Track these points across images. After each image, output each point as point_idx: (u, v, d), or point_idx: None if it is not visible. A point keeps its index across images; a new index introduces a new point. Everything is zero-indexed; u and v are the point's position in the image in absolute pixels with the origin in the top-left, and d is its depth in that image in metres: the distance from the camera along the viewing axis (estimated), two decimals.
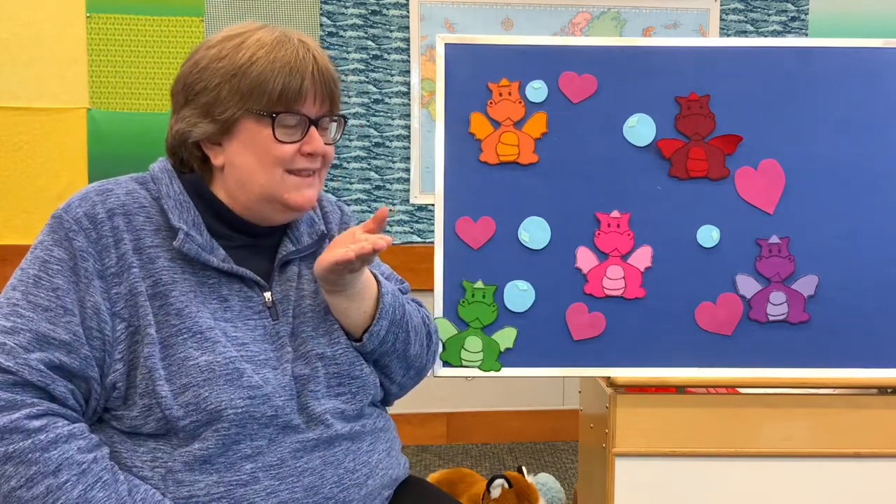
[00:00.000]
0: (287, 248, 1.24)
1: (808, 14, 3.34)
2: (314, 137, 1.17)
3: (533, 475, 2.40)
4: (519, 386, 3.33)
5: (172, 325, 1.09)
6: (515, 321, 1.66)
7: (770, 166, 1.67)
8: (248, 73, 1.13)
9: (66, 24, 3.06)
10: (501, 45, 1.70)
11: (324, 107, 1.20)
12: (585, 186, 1.67)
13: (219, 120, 1.15)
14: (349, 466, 1.17)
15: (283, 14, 3.14)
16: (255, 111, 1.14)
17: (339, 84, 1.23)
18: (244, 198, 1.18)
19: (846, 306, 1.65)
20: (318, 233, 1.29)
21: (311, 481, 1.12)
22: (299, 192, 1.18)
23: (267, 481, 1.09)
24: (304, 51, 1.16)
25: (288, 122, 1.15)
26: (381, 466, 1.23)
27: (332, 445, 1.16)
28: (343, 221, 1.39)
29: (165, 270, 1.11)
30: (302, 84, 1.14)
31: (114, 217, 1.11)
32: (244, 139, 1.15)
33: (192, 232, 1.14)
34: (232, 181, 1.18)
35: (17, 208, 3.08)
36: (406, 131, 3.25)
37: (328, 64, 1.20)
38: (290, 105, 1.15)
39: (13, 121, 3.06)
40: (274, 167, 1.16)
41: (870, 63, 1.67)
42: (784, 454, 1.61)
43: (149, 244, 1.12)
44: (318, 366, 1.18)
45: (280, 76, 1.13)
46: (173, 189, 1.17)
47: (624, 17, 3.27)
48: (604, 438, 1.64)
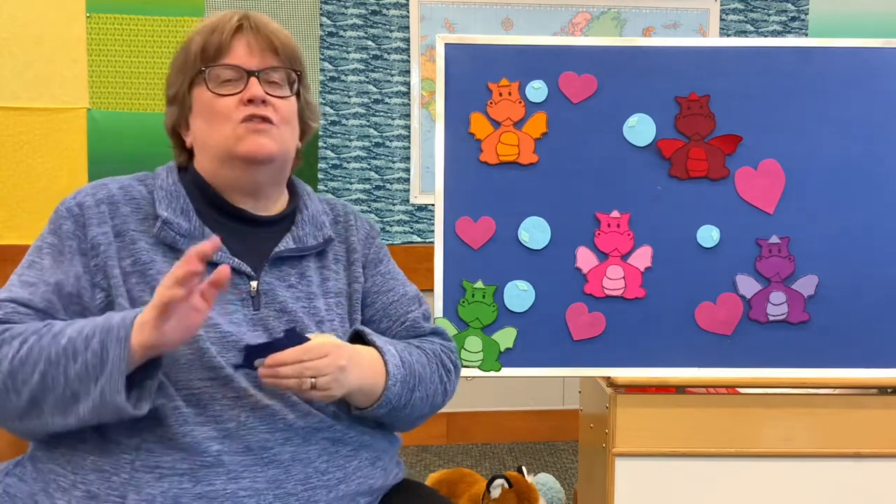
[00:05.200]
0: (287, 245, 1.23)
1: (808, 14, 3.34)
2: (252, 84, 1.18)
3: (533, 475, 2.40)
4: (519, 386, 3.33)
5: (145, 302, 1.09)
6: (515, 321, 1.66)
7: (770, 166, 1.67)
8: (181, 49, 1.22)
9: (66, 24, 3.06)
10: (501, 45, 1.70)
11: (267, 60, 1.20)
12: (585, 186, 1.67)
13: (172, 99, 1.23)
14: (320, 467, 1.14)
15: (284, 14, 3.14)
16: (193, 77, 1.20)
17: (290, 41, 1.24)
18: (209, 165, 1.21)
19: (846, 306, 1.65)
20: (324, 236, 1.28)
21: (276, 474, 1.11)
22: (248, 140, 1.18)
23: (230, 466, 1.09)
24: (234, 13, 1.21)
25: (223, 76, 1.19)
26: (360, 474, 1.19)
27: (307, 441, 1.14)
28: (370, 237, 1.36)
29: (144, 252, 1.15)
30: (222, 37, 1.18)
31: (100, 205, 1.18)
32: (197, 109, 1.21)
33: (177, 219, 1.17)
34: (199, 153, 1.23)
35: (18, 208, 3.08)
36: (406, 131, 3.25)
37: (269, 22, 1.22)
38: (215, 59, 1.18)
39: (13, 121, 3.06)
40: (222, 123, 1.18)
41: (870, 63, 1.67)
42: (784, 454, 1.61)
43: (132, 228, 1.17)
44: None
45: (201, 35, 1.19)
46: (167, 181, 1.22)
47: (624, 17, 3.27)
48: (604, 438, 1.64)
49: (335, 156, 3.24)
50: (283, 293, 1.19)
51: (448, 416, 3.37)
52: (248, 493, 1.09)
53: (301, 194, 1.32)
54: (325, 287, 1.25)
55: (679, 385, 1.65)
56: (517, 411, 3.41)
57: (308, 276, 1.24)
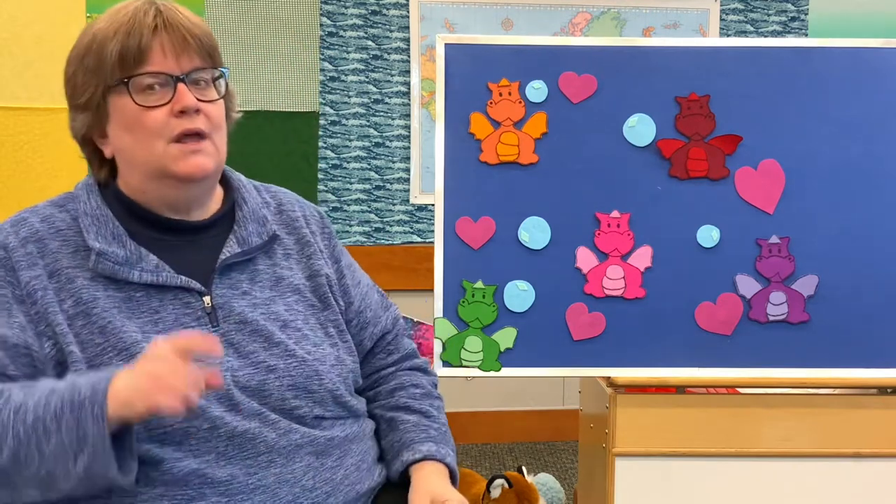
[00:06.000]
0: (232, 250, 1.15)
1: (808, 14, 3.34)
2: (182, 93, 1.08)
3: (533, 475, 2.40)
4: (519, 386, 3.33)
5: (97, 345, 1.05)
6: (515, 321, 1.66)
7: (770, 166, 1.67)
8: (91, 50, 1.09)
9: (66, 24, 3.06)
10: (501, 45, 1.70)
11: (190, 61, 1.10)
12: (585, 186, 1.67)
13: (83, 105, 1.11)
14: (307, 485, 1.11)
15: (283, 14, 3.13)
16: (111, 85, 1.08)
17: (209, 36, 1.13)
18: (136, 182, 1.13)
19: (846, 306, 1.65)
20: (268, 233, 1.20)
21: (263, 499, 1.07)
22: (186, 161, 1.09)
23: (214, 497, 1.04)
24: (147, 8, 1.08)
25: (147, 84, 1.08)
26: (348, 482, 1.16)
27: (290, 460, 1.10)
28: (325, 226, 1.31)
29: (85, 289, 1.07)
30: (141, 41, 1.06)
31: (26, 244, 1.10)
32: (118, 120, 1.10)
33: (111, 248, 1.09)
34: (123, 167, 1.14)
35: (18, 208, 3.05)
36: (406, 131, 3.25)
37: (184, 16, 1.11)
38: (136, 66, 1.07)
39: (13, 121, 3.06)
40: (152, 139, 1.08)
41: (870, 63, 1.67)
42: (784, 454, 1.61)
43: (66, 265, 1.09)
44: (268, 378, 1.11)
45: (116, 39, 1.07)
46: (90, 204, 1.13)
47: (624, 17, 3.27)
48: (604, 438, 1.64)
49: (335, 156, 3.24)
50: (239, 303, 1.13)
51: (448, 416, 3.36)
52: None
53: (237, 187, 1.23)
54: (279, 287, 1.19)
55: (679, 385, 1.65)
56: (517, 411, 3.41)
57: (259, 279, 1.18)
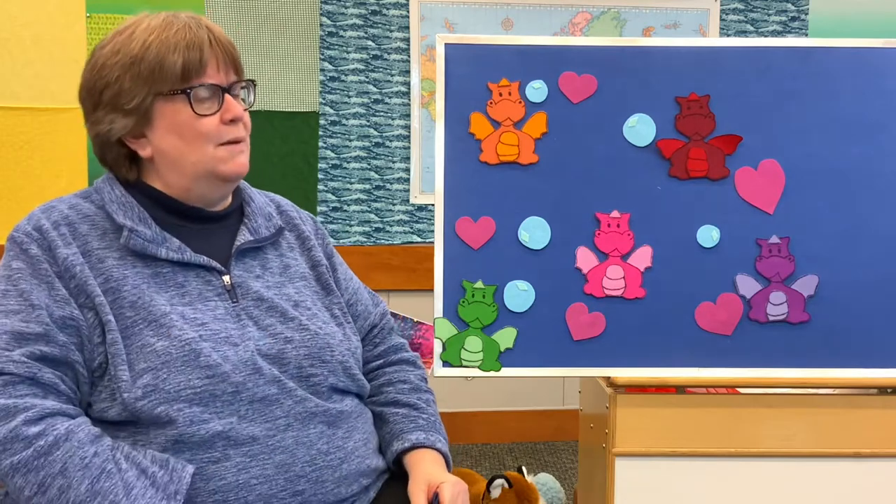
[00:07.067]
0: (245, 237, 1.28)
1: (808, 14, 3.34)
2: (231, 104, 1.21)
3: (533, 475, 2.40)
4: (519, 386, 3.33)
5: (128, 318, 1.13)
6: (515, 321, 1.66)
7: (770, 166, 1.67)
8: (145, 58, 1.17)
9: (66, 24, 3.06)
10: (501, 45, 1.69)
11: (230, 74, 1.23)
12: (585, 186, 1.67)
13: (130, 110, 1.19)
14: (322, 448, 1.20)
15: (284, 14, 3.14)
16: (165, 93, 1.18)
17: (237, 49, 1.26)
18: (180, 181, 1.23)
19: (846, 306, 1.65)
20: (275, 226, 1.34)
21: (283, 459, 1.15)
22: (233, 161, 1.23)
23: (238, 458, 1.12)
24: (196, 24, 1.21)
25: (202, 95, 1.19)
26: (358, 454, 1.25)
27: (306, 425, 1.19)
28: (318, 228, 1.45)
29: (115, 268, 1.16)
30: (202, 55, 1.18)
31: (59, 227, 1.17)
32: (166, 124, 1.19)
33: (138, 227, 1.19)
34: (164, 168, 1.23)
35: (18, 208, 3.08)
36: (406, 131, 3.25)
37: (222, 32, 1.24)
38: (196, 78, 1.18)
39: (13, 121, 3.06)
40: (203, 143, 1.20)
41: (870, 63, 1.67)
42: (784, 454, 1.61)
43: (95, 247, 1.17)
44: (286, 348, 1.22)
45: (178, 52, 1.17)
46: (115, 193, 1.23)
47: (624, 17, 3.27)
48: (604, 438, 1.64)
49: (335, 156, 3.24)
50: (255, 284, 1.26)
51: (448, 416, 3.36)
52: (258, 480, 1.13)
53: (243, 187, 1.37)
54: (288, 273, 1.32)
55: (679, 385, 1.65)
56: (517, 411, 3.41)
57: (269, 265, 1.30)
